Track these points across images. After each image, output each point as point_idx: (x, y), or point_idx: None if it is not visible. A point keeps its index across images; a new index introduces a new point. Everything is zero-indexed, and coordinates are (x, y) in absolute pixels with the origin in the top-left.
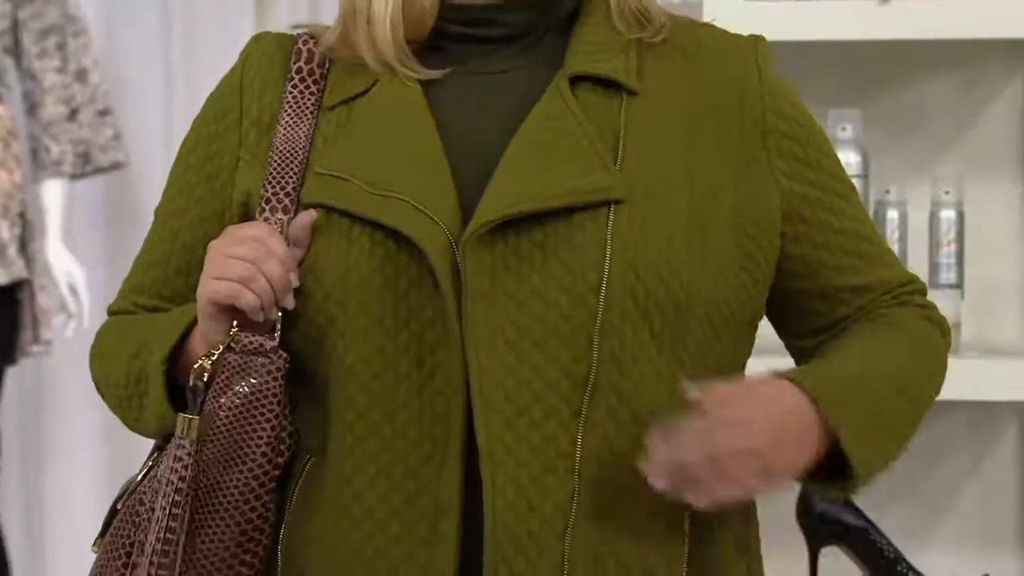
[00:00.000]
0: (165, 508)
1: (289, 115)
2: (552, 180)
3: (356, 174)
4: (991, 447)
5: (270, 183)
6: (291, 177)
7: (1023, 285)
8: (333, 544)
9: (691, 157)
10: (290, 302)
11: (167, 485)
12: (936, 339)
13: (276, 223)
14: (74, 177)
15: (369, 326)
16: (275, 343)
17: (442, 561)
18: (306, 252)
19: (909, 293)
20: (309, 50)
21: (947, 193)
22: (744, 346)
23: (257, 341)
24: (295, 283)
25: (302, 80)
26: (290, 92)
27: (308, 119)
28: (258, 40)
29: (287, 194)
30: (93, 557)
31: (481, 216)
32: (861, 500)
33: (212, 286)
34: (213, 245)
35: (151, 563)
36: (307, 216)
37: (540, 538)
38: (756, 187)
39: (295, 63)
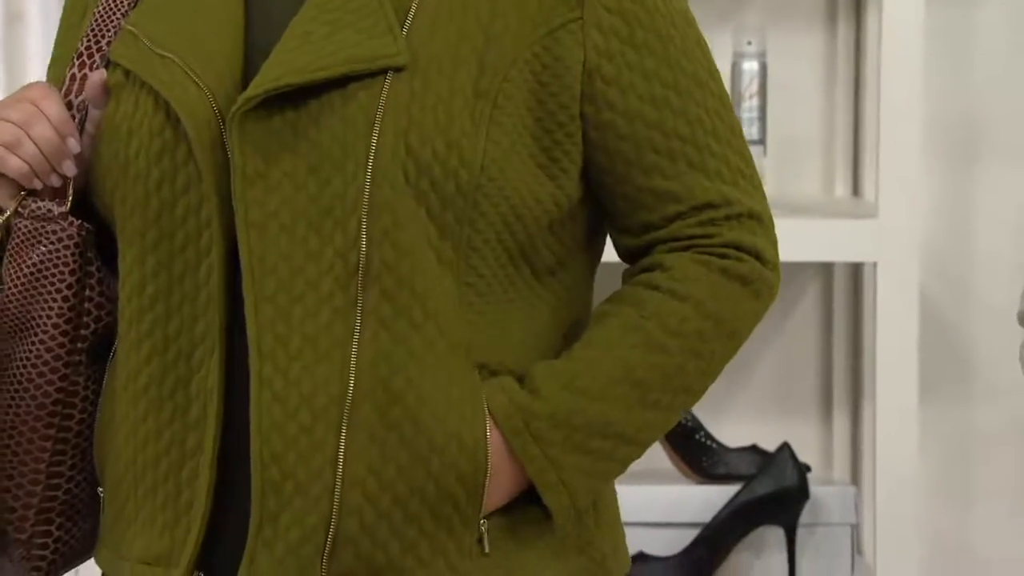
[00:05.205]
0: None
1: None
2: (328, 48)
3: (145, 29)
4: (792, 310)
5: (89, 36)
6: (109, 31)
7: (826, 140)
8: (121, 424)
9: (490, 22)
10: (69, 168)
11: None
12: (715, 309)
13: (80, 81)
14: None
15: (147, 195)
16: (65, 209)
17: (204, 452)
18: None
19: (724, 219)
20: None
21: (749, 44)
22: (566, 241)
23: (45, 207)
24: (75, 148)
25: None
26: None
27: None
28: None
29: (99, 49)
30: None
31: (250, 90)
32: None
33: None
34: None
35: None
36: (97, 75)
37: (313, 432)
38: (561, 58)
39: None
